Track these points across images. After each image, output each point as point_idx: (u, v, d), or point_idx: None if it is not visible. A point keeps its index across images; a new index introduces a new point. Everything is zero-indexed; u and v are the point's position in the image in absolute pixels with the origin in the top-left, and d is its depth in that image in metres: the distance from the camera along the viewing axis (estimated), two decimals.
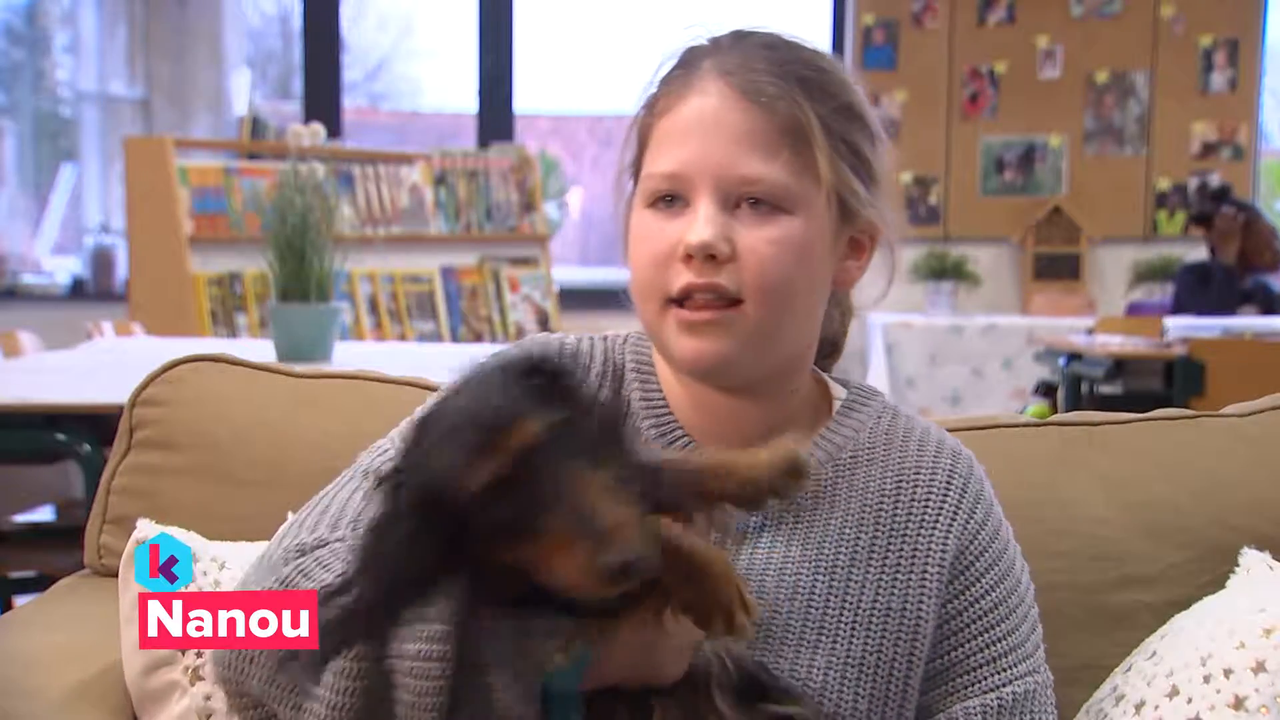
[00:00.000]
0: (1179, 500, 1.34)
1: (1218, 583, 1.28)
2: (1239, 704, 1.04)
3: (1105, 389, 4.63)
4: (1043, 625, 1.12)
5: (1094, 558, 1.30)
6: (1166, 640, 1.19)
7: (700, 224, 1.02)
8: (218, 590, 1.09)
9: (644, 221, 1.07)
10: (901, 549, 1.07)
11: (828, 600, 1.05)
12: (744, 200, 1.03)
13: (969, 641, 1.07)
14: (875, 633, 1.04)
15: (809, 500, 1.08)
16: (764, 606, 1.03)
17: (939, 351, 6.08)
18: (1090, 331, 5.22)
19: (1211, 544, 1.31)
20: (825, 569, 1.06)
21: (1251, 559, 1.27)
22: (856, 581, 1.06)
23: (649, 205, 1.07)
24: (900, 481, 1.10)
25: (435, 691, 0.88)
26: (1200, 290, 4.83)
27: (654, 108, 1.09)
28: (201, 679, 1.06)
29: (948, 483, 1.10)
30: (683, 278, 1.03)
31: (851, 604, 1.05)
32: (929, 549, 1.07)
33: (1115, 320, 5.42)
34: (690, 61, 1.08)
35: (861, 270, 1.13)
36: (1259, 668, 1.04)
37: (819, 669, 1.03)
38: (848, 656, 1.03)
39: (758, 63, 1.05)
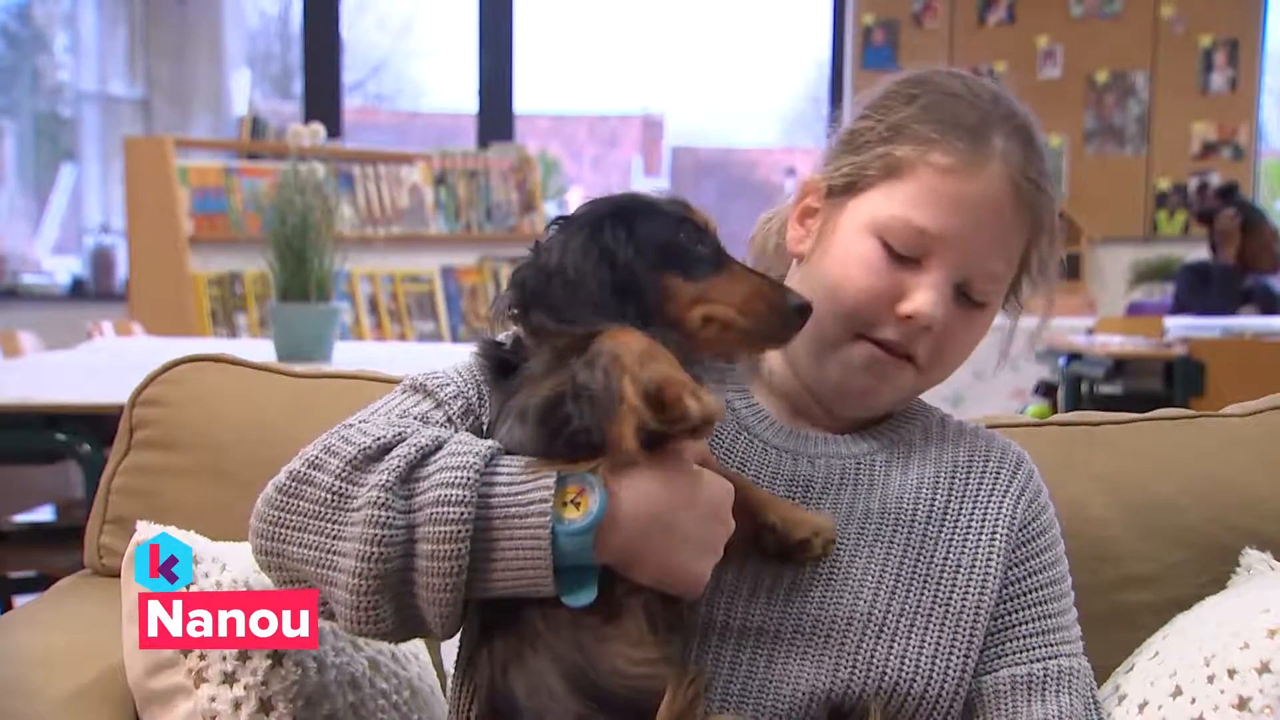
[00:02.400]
0: (1179, 500, 1.34)
1: (1218, 583, 1.28)
2: (1243, 705, 1.03)
3: (1105, 389, 4.64)
4: None
5: (1094, 558, 1.30)
6: (1169, 640, 1.19)
7: (936, 299, 1.09)
8: (219, 591, 1.09)
9: (868, 250, 1.11)
10: (974, 511, 1.14)
11: (905, 552, 1.10)
12: (968, 284, 1.11)
13: (1024, 610, 1.12)
14: (945, 587, 1.10)
15: (882, 469, 1.15)
16: (845, 553, 1.09)
17: None
18: (1090, 331, 5.22)
19: (1211, 544, 1.31)
20: (904, 523, 1.12)
21: (1252, 559, 1.27)
22: (931, 537, 1.11)
23: (879, 239, 1.11)
24: (973, 456, 1.17)
25: (455, 538, 0.90)
26: (1200, 290, 4.82)
27: (929, 153, 1.10)
28: (206, 680, 1.06)
29: (1017, 464, 1.18)
30: (892, 332, 1.11)
31: (926, 557, 1.10)
32: (999, 513, 1.14)
33: (1115, 320, 5.42)
34: (980, 130, 1.11)
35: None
36: (1263, 668, 1.04)
37: (893, 615, 1.07)
38: (918, 606, 1.08)
39: (1031, 169, 1.11)
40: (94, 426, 2.42)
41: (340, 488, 0.94)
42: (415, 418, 1.03)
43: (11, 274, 6.13)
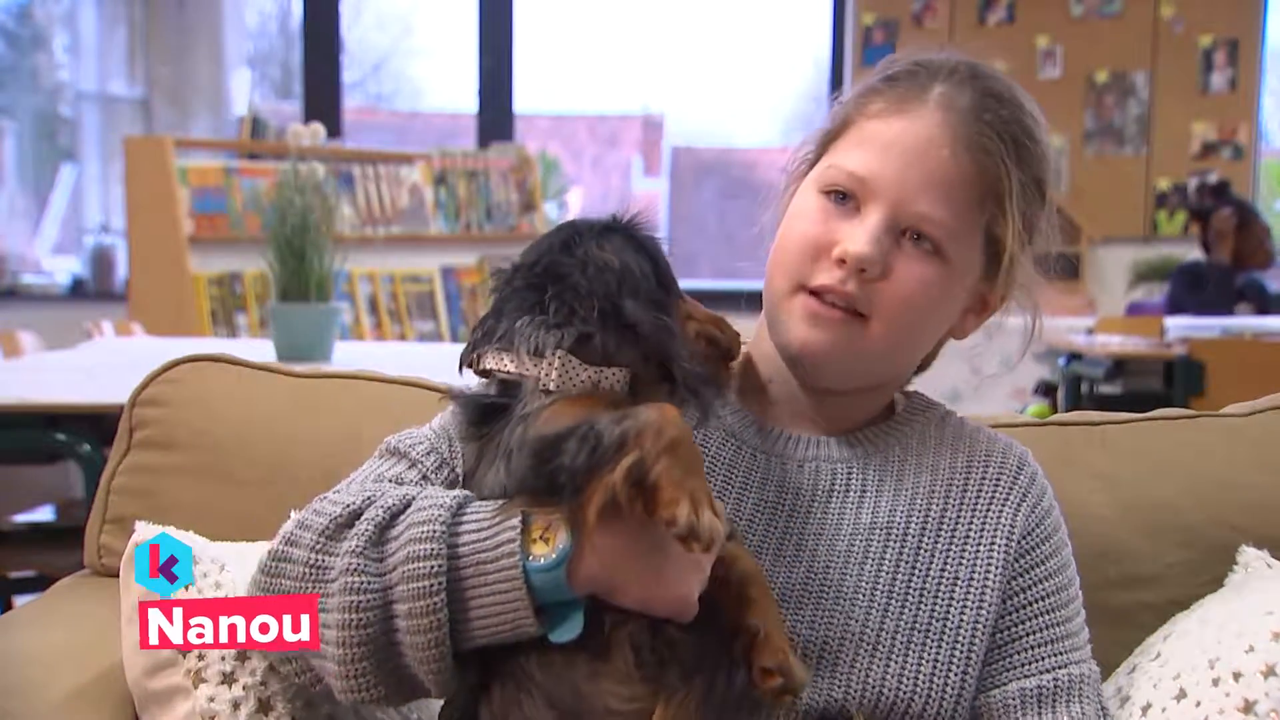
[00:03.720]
0: (1179, 500, 1.34)
1: (1218, 582, 1.28)
2: (1248, 708, 1.03)
3: (1105, 389, 4.64)
4: None
5: (1094, 557, 1.30)
6: (1171, 641, 1.18)
7: (865, 237, 1.05)
8: (219, 591, 1.09)
9: (809, 203, 1.10)
10: (971, 522, 1.10)
11: (898, 566, 1.08)
12: (911, 231, 1.06)
13: (1030, 620, 1.09)
14: (943, 600, 1.07)
15: (876, 475, 1.12)
16: (835, 569, 1.06)
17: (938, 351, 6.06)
18: (1090, 331, 5.22)
19: (1211, 544, 1.31)
20: (897, 536, 1.09)
21: (1250, 557, 1.27)
22: (926, 550, 1.09)
23: (822, 191, 1.09)
24: (971, 462, 1.13)
25: (430, 593, 0.89)
26: (1195, 290, 4.82)
27: (868, 104, 1.10)
28: (205, 681, 1.06)
29: (1018, 469, 1.14)
30: (828, 276, 1.06)
31: (921, 571, 1.08)
32: (998, 523, 1.10)
33: (1115, 320, 5.42)
34: (921, 78, 1.09)
35: (976, 326, 1.18)
36: (1269, 671, 1.04)
37: (887, 632, 1.05)
38: (914, 622, 1.06)
39: (985, 113, 1.07)
40: (94, 426, 2.42)
41: (317, 560, 0.94)
42: (389, 480, 1.03)
43: (11, 274, 6.13)
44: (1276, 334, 4.28)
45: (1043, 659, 1.08)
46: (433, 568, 0.90)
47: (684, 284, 1.02)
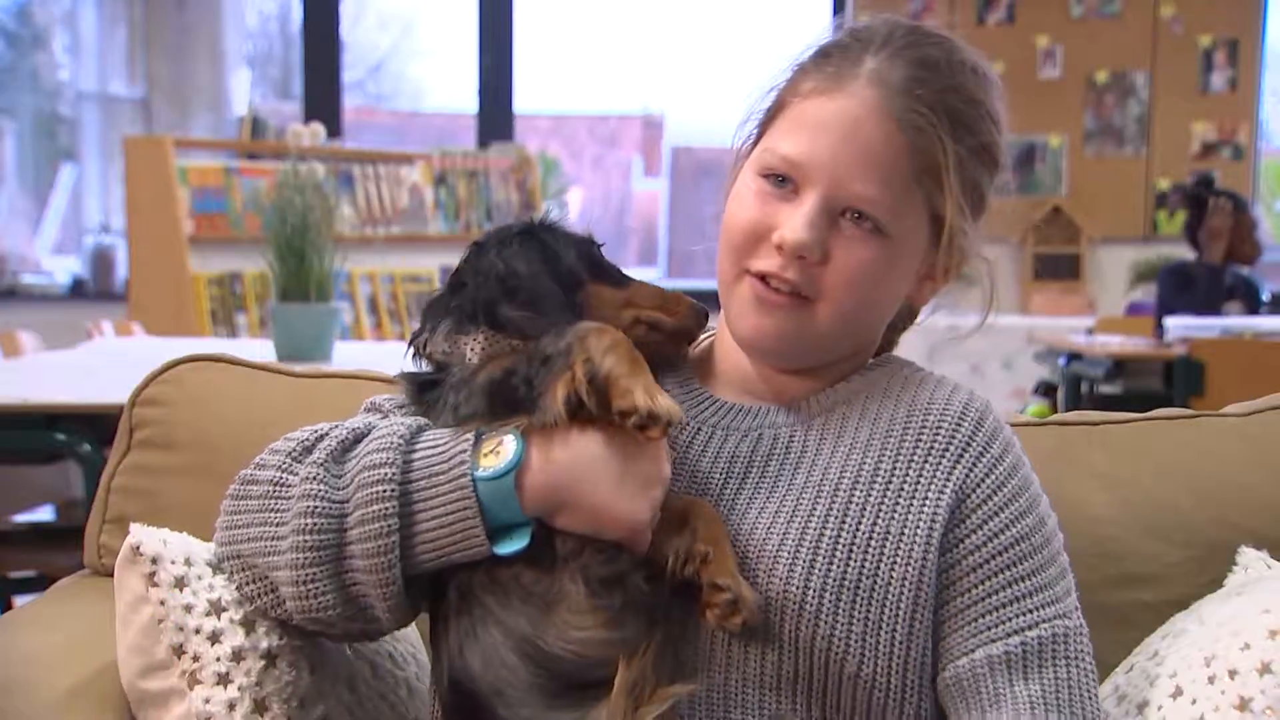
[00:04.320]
0: (1179, 500, 1.34)
1: (1217, 582, 1.28)
2: (1244, 705, 1.03)
3: (1105, 389, 4.63)
4: None
5: (1094, 557, 1.30)
6: (1168, 640, 1.18)
7: (801, 224, 1.04)
8: (211, 595, 1.09)
9: (749, 186, 1.09)
10: (906, 474, 1.06)
11: (825, 521, 1.04)
12: (849, 212, 1.04)
13: (990, 579, 1.03)
14: (873, 557, 1.02)
15: (816, 434, 1.10)
16: (764, 530, 1.05)
17: (938, 350, 6.07)
18: (1090, 331, 5.21)
19: (1211, 544, 1.31)
20: (827, 492, 1.05)
21: (1249, 557, 1.27)
22: (857, 504, 1.04)
23: (760, 174, 1.08)
24: (911, 413, 1.09)
25: (381, 498, 0.94)
26: (1183, 292, 4.80)
27: (800, 84, 1.08)
28: (200, 682, 1.06)
29: (960, 417, 1.09)
30: (768, 262, 1.06)
31: (850, 526, 1.03)
32: (933, 477, 1.06)
33: (1115, 320, 5.42)
34: (852, 52, 1.07)
35: (935, 293, 1.15)
36: (1264, 669, 1.04)
37: (814, 590, 1.01)
38: (843, 579, 1.01)
39: (916, 85, 1.04)
40: (94, 426, 2.42)
41: (280, 478, 1.00)
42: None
43: (11, 274, 6.13)
44: (1276, 334, 4.28)
45: (1009, 619, 1.02)
46: (385, 475, 0.95)
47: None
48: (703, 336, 1.20)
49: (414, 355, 1.08)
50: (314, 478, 0.97)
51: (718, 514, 1.04)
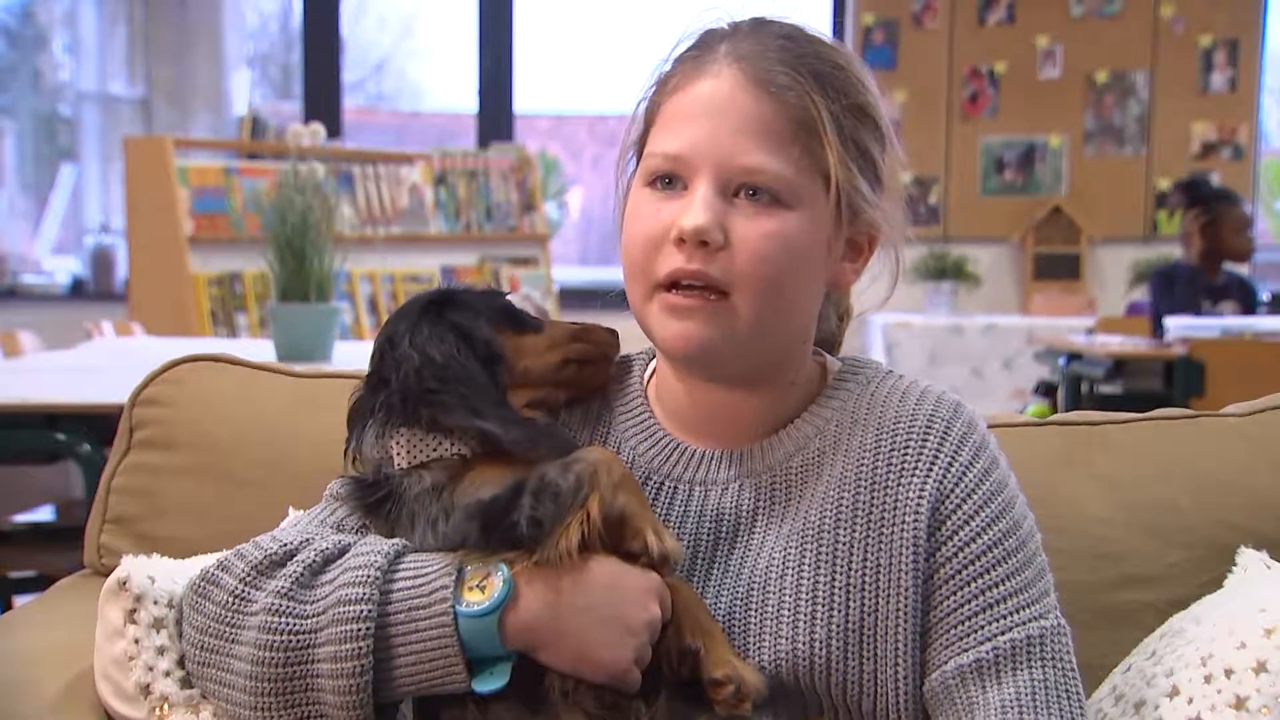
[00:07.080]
0: (1179, 500, 1.34)
1: (1217, 582, 1.28)
2: (1240, 704, 1.03)
3: (1105, 389, 4.63)
4: None
5: (1094, 557, 1.30)
6: (1166, 640, 1.18)
7: (695, 209, 1.00)
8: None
9: (640, 201, 1.05)
10: (884, 502, 1.03)
11: (817, 569, 1.02)
12: (743, 189, 1.02)
13: (963, 588, 1.01)
14: (869, 594, 1.01)
15: (798, 476, 1.07)
16: (760, 588, 1.04)
17: (939, 351, 6.08)
18: (1090, 331, 5.21)
19: (1211, 544, 1.31)
20: (812, 537, 1.03)
21: (1249, 558, 1.27)
22: (844, 544, 1.03)
23: (648, 184, 1.05)
24: (880, 436, 1.06)
25: (357, 636, 0.92)
26: (1167, 293, 4.81)
27: (665, 86, 1.07)
28: (173, 705, 1.06)
29: (927, 427, 1.05)
30: (672, 262, 1.01)
31: (842, 568, 1.02)
32: (909, 496, 1.03)
33: (1115, 320, 5.42)
34: (706, 43, 1.06)
35: (858, 272, 1.11)
36: (1260, 668, 1.04)
37: (820, 641, 1.01)
38: (846, 623, 1.01)
39: (773, 53, 1.03)
40: (94, 426, 2.42)
41: (242, 591, 0.97)
42: (331, 526, 1.06)
43: (11, 274, 6.13)
44: (1276, 334, 4.28)
45: (981, 627, 1.00)
46: (363, 611, 0.92)
47: None
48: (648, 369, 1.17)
49: (351, 464, 1.07)
50: (276, 609, 0.94)
51: (697, 595, 1.02)
